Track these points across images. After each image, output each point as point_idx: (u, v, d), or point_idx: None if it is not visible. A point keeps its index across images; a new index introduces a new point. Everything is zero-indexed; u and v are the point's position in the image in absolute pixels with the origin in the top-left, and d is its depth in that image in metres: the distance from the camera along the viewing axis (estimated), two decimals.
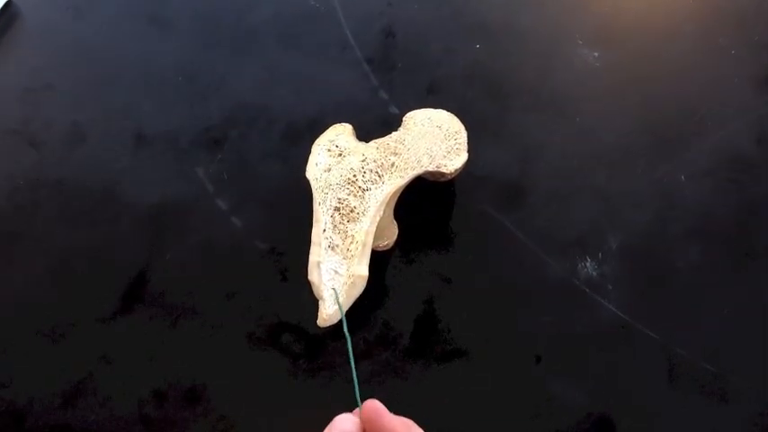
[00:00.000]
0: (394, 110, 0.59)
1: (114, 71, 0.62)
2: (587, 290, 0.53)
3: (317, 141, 0.53)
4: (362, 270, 0.49)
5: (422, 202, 0.55)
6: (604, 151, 0.58)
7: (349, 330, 0.48)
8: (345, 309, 0.49)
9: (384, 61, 0.62)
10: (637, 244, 0.54)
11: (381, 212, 0.50)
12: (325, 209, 0.50)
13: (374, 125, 0.53)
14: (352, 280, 0.48)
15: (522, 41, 0.63)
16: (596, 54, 0.62)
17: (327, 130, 0.54)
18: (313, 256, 0.49)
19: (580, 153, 0.58)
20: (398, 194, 0.51)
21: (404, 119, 0.54)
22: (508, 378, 0.50)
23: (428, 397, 0.50)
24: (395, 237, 0.53)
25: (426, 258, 0.54)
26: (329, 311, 0.48)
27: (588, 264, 0.54)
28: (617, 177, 0.57)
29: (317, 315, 0.48)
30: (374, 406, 0.38)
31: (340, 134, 0.53)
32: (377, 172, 0.50)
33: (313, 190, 0.51)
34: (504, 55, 0.63)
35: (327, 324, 0.48)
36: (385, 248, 0.53)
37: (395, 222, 0.53)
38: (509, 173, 0.57)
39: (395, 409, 0.49)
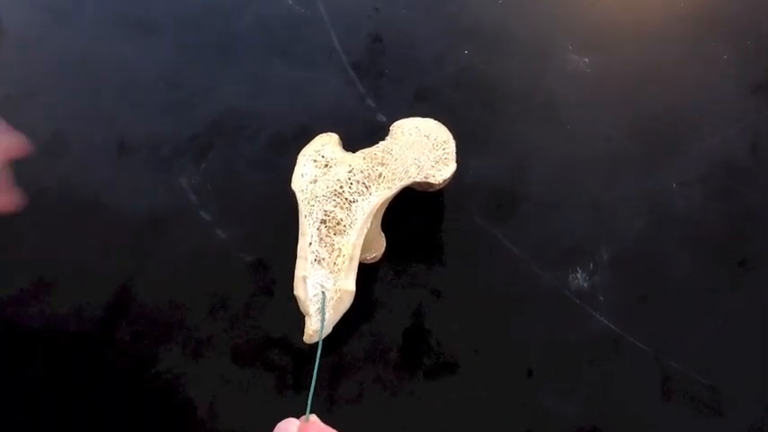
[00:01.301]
0: (381, 117, 0.58)
1: (97, 79, 0.61)
2: (578, 301, 0.52)
3: (303, 152, 0.52)
4: (349, 285, 0.48)
5: (410, 213, 0.54)
6: (596, 159, 0.57)
7: (336, 345, 0.47)
8: (333, 324, 0.48)
9: (371, 67, 0.61)
10: (628, 254, 0.54)
11: (369, 225, 0.49)
12: (311, 221, 0.49)
13: (361, 133, 0.52)
14: (339, 295, 0.47)
15: (512, 47, 0.62)
16: (587, 60, 0.61)
17: (313, 140, 0.53)
18: (299, 271, 0.48)
19: (571, 161, 0.57)
20: (386, 206, 0.51)
21: (391, 128, 0.53)
22: (499, 391, 0.50)
23: (418, 411, 0.49)
24: (382, 249, 0.52)
25: (415, 270, 0.53)
26: (316, 327, 0.47)
27: (579, 275, 0.53)
28: (608, 185, 0.56)
29: (303, 331, 0.47)
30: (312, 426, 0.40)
31: (326, 144, 0.52)
32: (364, 183, 0.49)
33: (299, 201, 0.49)
34: (493, 61, 0.62)
35: (314, 340, 0.47)
36: (373, 261, 0.52)
37: (382, 234, 0.52)
38: (499, 182, 0.57)
39: (385, 423, 0.49)
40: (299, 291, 0.47)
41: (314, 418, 0.41)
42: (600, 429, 0.49)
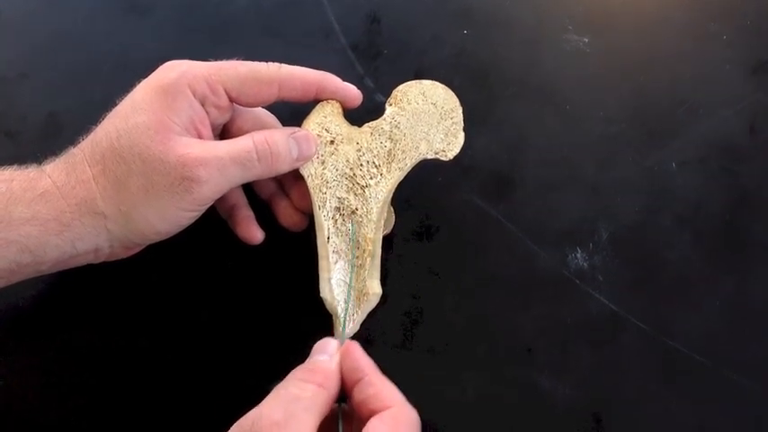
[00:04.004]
0: (380, 98, 0.58)
1: (91, 60, 0.60)
2: (578, 281, 0.52)
3: (305, 125, 0.50)
4: (375, 287, 0.48)
5: (408, 193, 0.54)
6: (594, 139, 0.57)
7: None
8: (360, 322, 0.48)
9: (369, 48, 0.61)
10: (628, 234, 0.54)
11: (384, 215, 0.49)
12: (325, 213, 0.48)
13: (360, 113, 0.51)
14: (366, 298, 0.47)
15: (511, 27, 0.62)
16: (586, 40, 0.60)
17: (314, 111, 0.50)
18: (322, 273, 0.47)
19: (569, 142, 0.57)
20: (396, 185, 0.50)
21: (395, 93, 0.51)
22: (497, 371, 0.50)
23: (416, 391, 0.49)
24: (392, 223, 0.52)
25: (413, 250, 0.53)
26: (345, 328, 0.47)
27: (578, 254, 0.53)
28: (607, 166, 0.56)
29: (332, 332, 0.48)
30: (354, 345, 0.42)
31: (328, 115, 0.50)
32: (374, 163, 0.49)
33: (309, 189, 0.48)
34: (491, 41, 0.61)
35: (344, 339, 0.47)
36: (384, 237, 0.51)
37: (391, 209, 0.52)
38: (497, 162, 0.56)
39: None
40: (324, 292, 0.47)
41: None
42: (599, 409, 0.49)
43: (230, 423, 0.48)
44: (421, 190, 0.55)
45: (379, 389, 0.39)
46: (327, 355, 0.41)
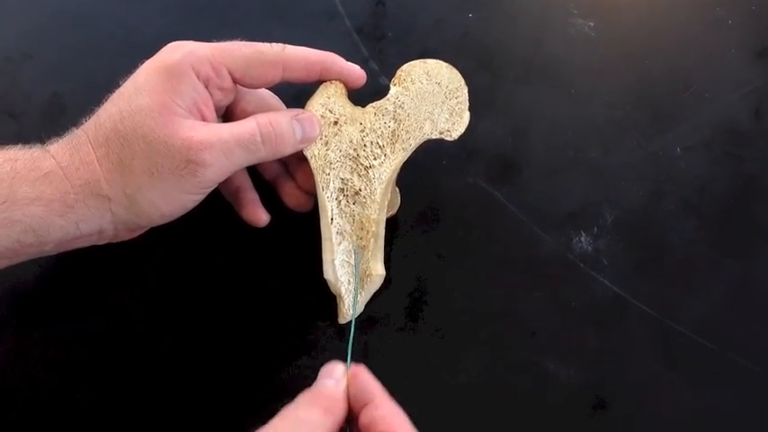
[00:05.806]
0: (384, 81, 0.58)
1: (95, 41, 0.60)
2: (582, 265, 0.52)
3: (308, 106, 0.49)
4: (379, 268, 0.48)
5: (413, 177, 0.53)
6: (599, 123, 0.57)
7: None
8: (364, 303, 0.49)
9: (374, 31, 0.61)
10: (632, 218, 0.54)
11: (388, 196, 0.49)
12: (329, 194, 0.48)
13: (364, 96, 0.51)
14: (369, 279, 0.47)
15: (516, 11, 0.62)
16: (591, 24, 0.60)
17: (317, 91, 0.50)
18: (326, 254, 0.47)
19: (574, 126, 0.57)
20: (400, 166, 0.50)
21: (399, 73, 0.51)
22: (501, 354, 0.50)
23: (420, 373, 0.49)
24: (398, 204, 0.52)
25: (418, 233, 0.53)
26: (349, 308, 0.48)
27: (583, 238, 0.53)
28: (612, 150, 0.56)
29: (337, 312, 0.48)
30: (361, 369, 0.41)
31: (332, 96, 0.49)
32: (377, 143, 0.49)
33: (313, 170, 0.48)
34: (496, 24, 0.61)
35: (348, 320, 0.48)
36: (390, 218, 0.51)
37: (397, 190, 0.52)
38: (502, 146, 0.56)
39: (388, 384, 0.48)
40: (328, 274, 0.47)
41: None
42: (603, 393, 0.49)
43: (231, 404, 0.48)
44: (425, 173, 0.55)
45: (386, 412, 0.39)
46: (334, 380, 0.41)
